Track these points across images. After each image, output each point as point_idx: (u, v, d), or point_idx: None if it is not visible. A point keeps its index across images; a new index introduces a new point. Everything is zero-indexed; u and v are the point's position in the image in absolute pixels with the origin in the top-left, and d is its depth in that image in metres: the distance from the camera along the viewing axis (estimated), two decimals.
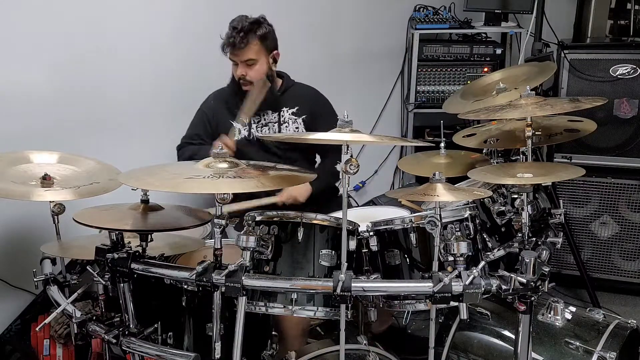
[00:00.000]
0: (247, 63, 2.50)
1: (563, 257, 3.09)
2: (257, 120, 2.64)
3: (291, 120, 2.65)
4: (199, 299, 1.76)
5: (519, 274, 1.49)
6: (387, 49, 3.74)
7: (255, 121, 2.64)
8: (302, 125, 2.65)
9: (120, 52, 2.75)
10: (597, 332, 1.83)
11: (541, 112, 1.78)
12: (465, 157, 2.22)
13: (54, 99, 2.59)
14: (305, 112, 2.66)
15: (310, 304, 1.63)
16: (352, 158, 1.41)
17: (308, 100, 2.70)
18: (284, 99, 2.66)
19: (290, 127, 2.64)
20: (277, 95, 2.63)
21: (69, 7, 2.57)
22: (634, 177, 2.92)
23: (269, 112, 2.64)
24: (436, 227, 1.50)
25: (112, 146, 2.71)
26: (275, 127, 2.64)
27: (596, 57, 2.89)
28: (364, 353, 1.79)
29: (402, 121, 3.84)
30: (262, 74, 2.53)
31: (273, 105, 2.63)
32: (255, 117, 2.63)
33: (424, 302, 1.65)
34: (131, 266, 1.66)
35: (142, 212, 1.81)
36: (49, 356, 2.40)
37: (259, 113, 2.62)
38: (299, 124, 2.65)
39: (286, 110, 2.65)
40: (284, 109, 2.65)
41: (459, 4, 3.62)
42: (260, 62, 2.53)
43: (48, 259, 1.97)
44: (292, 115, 2.65)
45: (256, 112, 2.60)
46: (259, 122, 2.64)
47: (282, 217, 1.67)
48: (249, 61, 2.50)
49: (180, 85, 2.97)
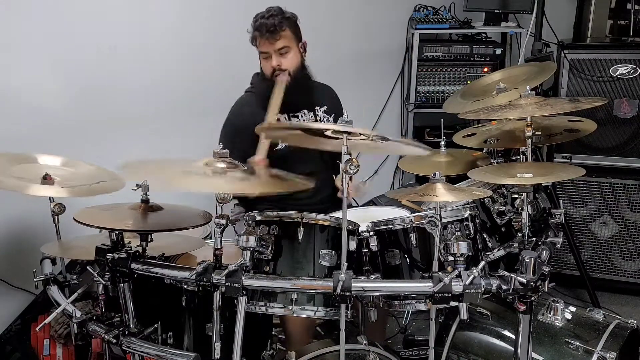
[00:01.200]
0: (280, 52, 2.32)
1: (563, 257, 3.09)
2: (297, 122, 2.43)
3: (325, 119, 2.51)
4: (199, 299, 1.76)
5: (519, 274, 1.49)
6: (387, 49, 3.74)
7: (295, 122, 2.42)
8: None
9: (122, 51, 2.75)
10: (597, 332, 1.83)
11: (541, 112, 1.78)
12: (466, 155, 2.22)
13: (58, 100, 2.59)
14: (333, 110, 2.53)
15: (311, 304, 1.63)
16: (352, 158, 1.42)
17: (332, 98, 2.59)
18: (316, 97, 2.50)
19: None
20: (311, 88, 2.46)
21: (70, 7, 2.57)
22: (634, 177, 2.93)
23: (305, 111, 2.48)
24: (436, 227, 1.50)
25: (114, 146, 2.71)
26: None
27: (596, 57, 2.89)
28: (364, 353, 1.79)
29: (402, 121, 3.85)
30: (297, 63, 2.37)
31: (309, 102, 2.47)
32: (293, 118, 2.44)
33: (424, 302, 1.65)
34: (131, 266, 1.66)
35: (142, 212, 1.81)
36: (49, 356, 2.40)
37: (296, 114, 2.45)
38: (331, 122, 2.50)
39: (319, 109, 2.51)
40: (317, 107, 2.50)
41: (459, 4, 3.62)
42: (294, 51, 2.35)
43: (48, 259, 1.98)
44: (325, 113, 2.52)
45: (293, 112, 2.43)
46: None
47: (282, 217, 1.66)
48: (282, 49, 2.31)
49: (182, 85, 2.97)
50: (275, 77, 2.34)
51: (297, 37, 2.39)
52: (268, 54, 2.34)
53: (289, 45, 2.34)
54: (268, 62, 2.35)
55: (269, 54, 2.33)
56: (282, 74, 2.33)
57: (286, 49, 2.33)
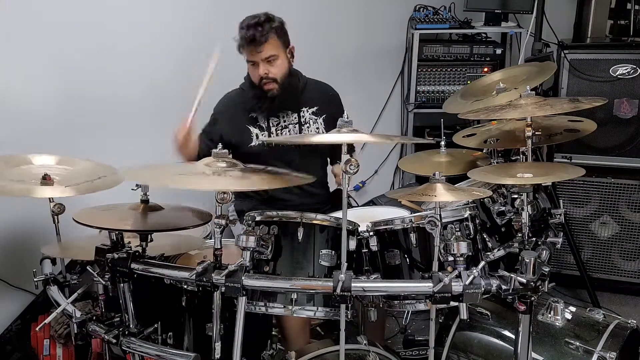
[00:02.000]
0: (267, 60, 2.32)
1: (563, 257, 3.09)
2: (276, 123, 2.47)
3: (312, 121, 2.50)
4: (199, 299, 1.75)
5: (519, 274, 1.49)
6: (387, 49, 3.74)
7: (274, 124, 2.46)
8: (322, 126, 2.50)
9: (121, 51, 2.75)
10: (597, 332, 1.83)
11: (541, 112, 1.78)
12: (466, 155, 2.22)
13: (55, 99, 2.59)
14: (324, 111, 2.51)
15: (310, 304, 1.63)
16: (352, 158, 1.41)
17: (327, 100, 2.56)
18: (304, 98, 2.49)
19: (311, 128, 2.48)
20: (298, 94, 2.46)
21: (70, 6, 2.57)
22: (634, 177, 2.92)
23: (288, 112, 2.48)
24: (436, 227, 1.50)
25: (113, 145, 2.71)
26: (295, 128, 2.47)
27: (596, 57, 2.89)
28: (364, 353, 1.79)
29: (402, 121, 3.84)
30: (284, 69, 2.37)
31: (293, 104, 2.46)
32: (274, 119, 2.46)
33: (424, 302, 1.65)
34: (131, 266, 1.66)
35: (142, 212, 1.81)
36: (49, 356, 2.40)
37: (278, 114, 2.47)
38: (319, 124, 2.50)
39: (306, 110, 2.50)
40: (303, 108, 2.49)
41: (459, 4, 3.62)
42: (281, 58, 2.35)
43: (48, 259, 1.98)
44: (313, 115, 2.50)
45: (274, 112, 2.45)
46: (278, 124, 2.47)
47: (282, 217, 1.66)
48: (270, 57, 2.32)
49: (181, 85, 2.96)
50: (263, 85, 2.37)
51: (285, 44, 2.39)
52: (255, 62, 2.35)
53: (276, 54, 2.33)
54: (255, 70, 2.36)
55: (256, 62, 2.34)
56: (270, 82, 2.36)
57: (273, 57, 2.33)
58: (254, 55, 2.32)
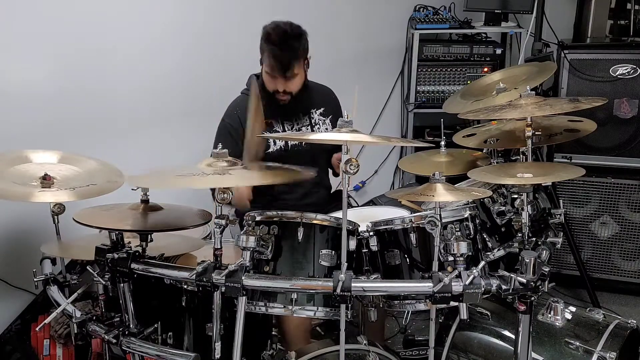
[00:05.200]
0: (287, 76, 2.28)
1: (563, 257, 3.09)
2: (291, 127, 2.45)
3: (321, 122, 2.49)
4: (199, 299, 1.76)
5: (519, 274, 1.49)
6: (387, 49, 3.74)
7: (289, 128, 2.44)
8: (330, 126, 2.49)
9: (121, 50, 2.75)
10: (597, 332, 1.83)
11: (541, 112, 1.78)
12: (466, 155, 2.23)
13: (55, 97, 2.59)
14: (330, 112, 2.52)
15: (310, 304, 1.63)
16: (352, 158, 1.41)
17: (331, 101, 2.56)
18: (311, 101, 2.48)
19: (321, 129, 2.48)
20: (309, 98, 2.44)
21: (70, 6, 2.57)
22: (634, 177, 2.92)
23: (300, 115, 2.47)
24: (436, 227, 1.50)
25: (113, 145, 2.71)
26: (308, 130, 2.46)
27: (596, 57, 2.89)
28: (364, 353, 1.79)
29: (402, 121, 3.85)
30: (301, 84, 2.34)
31: (303, 108, 2.45)
32: (288, 123, 2.45)
33: (424, 302, 1.65)
34: (131, 266, 1.66)
35: (142, 212, 1.81)
36: (49, 356, 2.40)
37: (291, 119, 2.45)
38: (327, 124, 2.50)
39: (315, 112, 2.49)
40: (312, 110, 2.49)
41: (459, 4, 3.62)
42: (300, 74, 2.32)
43: (48, 259, 1.98)
44: (321, 116, 2.50)
45: (288, 117, 2.43)
46: (292, 128, 2.45)
47: (282, 217, 1.66)
48: (291, 76, 2.29)
49: (181, 85, 2.97)
50: (276, 95, 2.33)
51: (305, 57, 2.34)
52: (275, 76, 2.29)
53: (297, 73, 2.30)
54: (273, 82, 2.31)
55: (276, 77, 2.29)
56: (285, 95, 2.33)
57: (295, 76, 2.30)
58: (275, 71, 2.27)
